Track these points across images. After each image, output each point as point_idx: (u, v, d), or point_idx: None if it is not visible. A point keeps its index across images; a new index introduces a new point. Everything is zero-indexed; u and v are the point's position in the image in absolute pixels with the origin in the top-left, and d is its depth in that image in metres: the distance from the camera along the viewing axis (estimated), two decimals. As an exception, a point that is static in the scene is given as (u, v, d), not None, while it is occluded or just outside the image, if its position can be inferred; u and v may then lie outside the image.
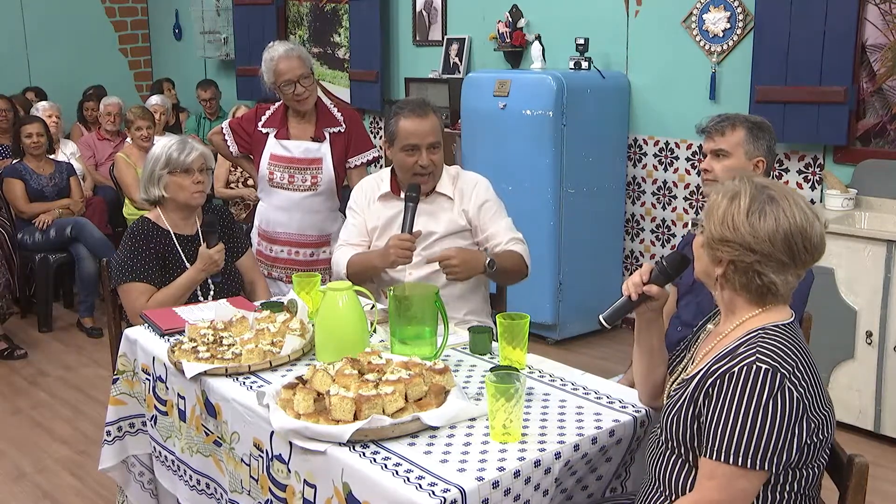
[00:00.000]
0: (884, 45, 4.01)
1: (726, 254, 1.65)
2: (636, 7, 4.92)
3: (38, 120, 5.59)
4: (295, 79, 3.36)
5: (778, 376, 1.54)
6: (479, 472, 1.68)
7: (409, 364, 2.02)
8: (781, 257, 1.63)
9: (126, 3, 8.80)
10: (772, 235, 1.61)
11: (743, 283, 1.67)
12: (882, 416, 3.62)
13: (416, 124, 2.80)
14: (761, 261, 1.63)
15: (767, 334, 1.63)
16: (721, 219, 1.65)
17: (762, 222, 1.62)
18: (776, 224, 1.62)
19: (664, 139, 4.92)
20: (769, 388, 1.53)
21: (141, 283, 2.85)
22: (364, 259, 2.86)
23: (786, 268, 1.64)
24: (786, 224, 1.62)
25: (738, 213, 1.63)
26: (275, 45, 3.47)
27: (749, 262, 1.63)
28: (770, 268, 1.63)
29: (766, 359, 1.56)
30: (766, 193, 1.65)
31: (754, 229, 1.62)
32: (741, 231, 1.62)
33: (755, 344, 1.61)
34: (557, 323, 4.87)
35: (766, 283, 1.65)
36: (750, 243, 1.62)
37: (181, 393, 2.32)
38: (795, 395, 1.54)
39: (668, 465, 1.71)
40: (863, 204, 4.01)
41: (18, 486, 3.42)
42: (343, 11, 6.79)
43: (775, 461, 1.54)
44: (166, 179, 2.93)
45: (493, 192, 2.94)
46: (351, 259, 2.88)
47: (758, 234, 1.62)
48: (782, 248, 1.62)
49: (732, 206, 1.65)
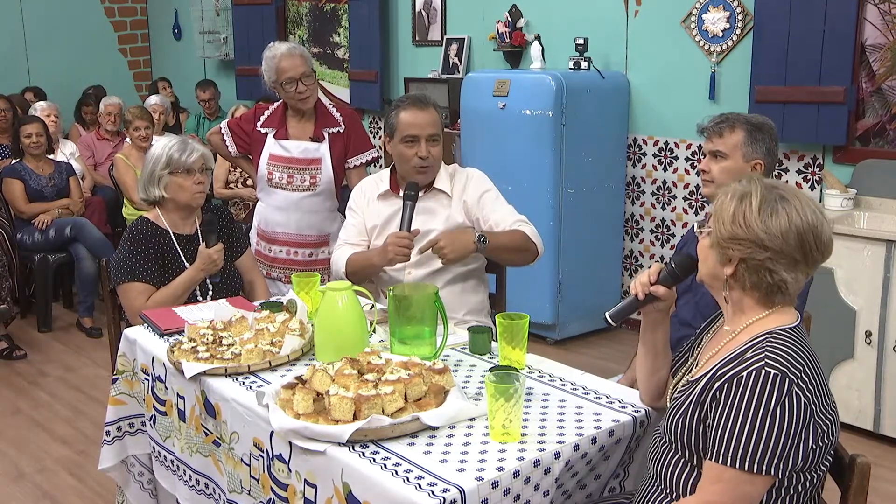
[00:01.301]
0: (883, 45, 4.01)
1: (738, 252, 1.65)
2: (636, 7, 4.92)
3: (38, 120, 5.59)
4: (297, 76, 3.36)
5: (787, 382, 1.54)
6: (478, 472, 1.68)
7: (408, 364, 2.02)
8: (794, 254, 1.63)
9: (125, 2, 8.80)
10: (785, 232, 1.62)
11: (754, 282, 1.66)
12: (881, 416, 3.62)
13: (416, 116, 2.81)
14: (773, 258, 1.63)
15: (776, 338, 1.62)
16: (732, 218, 1.65)
17: (775, 219, 1.62)
18: (789, 221, 1.62)
19: (664, 139, 4.92)
20: (777, 394, 1.53)
21: (140, 283, 2.85)
22: (363, 258, 2.86)
23: (797, 266, 1.64)
24: (798, 221, 1.62)
25: (750, 211, 1.63)
26: (276, 44, 3.48)
27: (761, 260, 1.63)
28: (782, 265, 1.63)
29: (774, 364, 1.56)
30: (777, 193, 1.65)
31: (767, 226, 1.62)
32: (754, 228, 1.62)
33: (764, 348, 1.60)
34: (557, 323, 4.87)
35: (776, 282, 1.64)
36: (763, 240, 1.62)
37: (180, 393, 2.32)
38: (803, 400, 1.54)
39: (670, 464, 1.71)
40: (862, 204, 4.01)
41: (18, 486, 3.42)
42: (342, 11, 6.79)
43: (781, 466, 1.54)
44: (167, 180, 2.93)
45: (490, 183, 2.93)
46: (350, 258, 2.88)
47: (770, 231, 1.62)
48: (795, 245, 1.62)
49: (743, 205, 1.65)
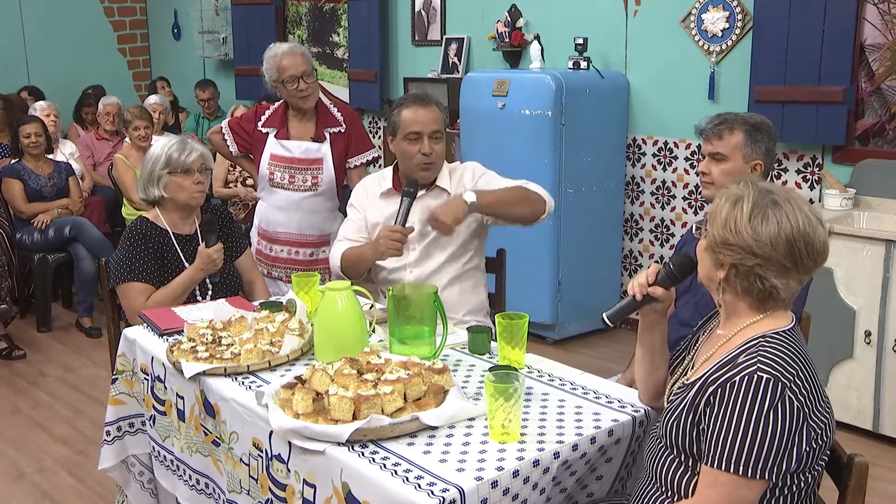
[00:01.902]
0: (882, 45, 4.01)
1: (728, 257, 1.65)
2: (635, 7, 4.92)
3: (37, 120, 5.59)
4: (298, 74, 3.36)
5: (779, 386, 1.54)
6: (477, 471, 1.68)
7: (407, 364, 2.02)
8: (783, 261, 1.63)
9: (125, 2, 8.79)
10: (773, 239, 1.61)
11: (745, 287, 1.67)
12: (881, 416, 3.62)
13: (419, 113, 2.81)
14: (762, 265, 1.63)
15: (768, 342, 1.63)
16: (724, 222, 1.65)
17: (764, 226, 1.62)
18: (778, 228, 1.61)
19: (663, 139, 4.92)
20: (770, 398, 1.53)
21: (139, 283, 2.85)
22: (357, 252, 2.86)
23: (787, 272, 1.64)
24: (788, 228, 1.62)
25: (741, 216, 1.63)
26: (277, 43, 3.50)
27: (750, 266, 1.63)
28: (772, 272, 1.63)
29: (767, 368, 1.56)
30: (770, 198, 1.65)
31: (756, 233, 1.62)
32: (743, 235, 1.62)
33: (756, 352, 1.60)
34: (556, 323, 4.87)
35: (767, 288, 1.65)
36: (752, 247, 1.62)
37: (180, 393, 2.32)
38: (796, 404, 1.54)
39: (667, 464, 1.71)
40: (861, 203, 4.01)
41: (18, 486, 3.42)
42: (342, 11, 6.79)
43: (775, 470, 1.54)
44: (166, 180, 2.93)
45: (484, 168, 2.95)
46: (344, 252, 2.88)
47: (759, 238, 1.61)
48: (784, 252, 1.62)
49: (735, 210, 1.65)
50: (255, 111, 3.57)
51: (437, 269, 2.83)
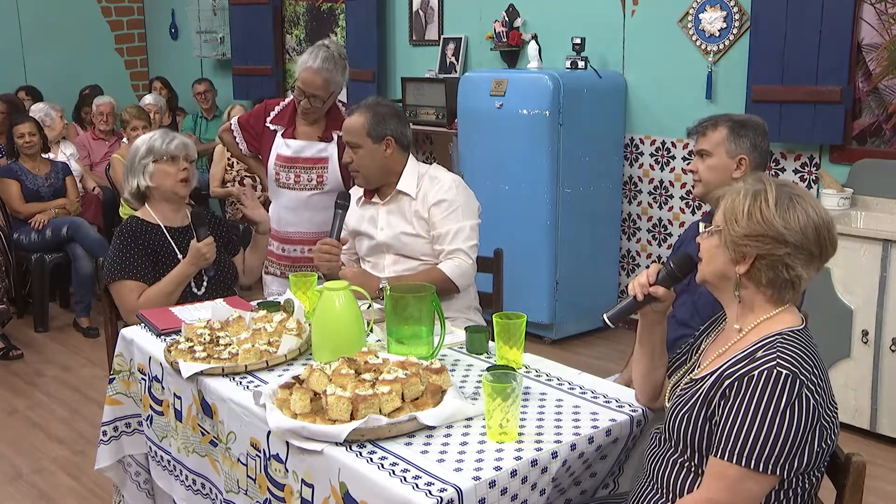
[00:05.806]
0: (879, 45, 4.02)
1: (754, 248, 1.64)
2: (632, 6, 4.92)
3: (31, 119, 5.58)
4: (307, 93, 3.32)
5: (798, 383, 1.54)
6: (475, 471, 1.68)
7: (405, 363, 2.02)
8: (812, 249, 1.63)
9: (122, 2, 8.78)
10: (804, 227, 1.62)
11: (770, 278, 1.66)
12: (878, 415, 3.63)
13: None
14: (792, 253, 1.63)
15: (786, 339, 1.63)
16: (747, 215, 1.64)
17: (793, 214, 1.62)
18: (807, 216, 1.63)
19: (661, 138, 4.92)
20: (788, 394, 1.53)
21: (132, 281, 2.84)
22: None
23: (812, 261, 1.65)
24: (815, 216, 1.63)
25: (767, 207, 1.63)
26: (320, 51, 3.34)
27: (780, 255, 1.63)
28: (800, 261, 1.63)
29: (787, 364, 1.56)
30: (787, 190, 1.66)
31: (786, 221, 1.62)
32: (774, 224, 1.62)
33: (775, 348, 1.60)
34: (554, 322, 4.88)
35: (792, 277, 1.65)
36: (783, 235, 1.62)
37: (177, 393, 2.32)
38: (812, 402, 1.54)
39: (669, 465, 1.71)
40: (859, 203, 4.02)
41: (15, 486, 3.42)
42: (339, 11, 6.78)
43: (787, 466, 1.54)
44: (152, 168, 2.94)
45: (455, 193, 2.83)
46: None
47: (790, 226, 1.62)
48: (813, 239, 1.63)
49: (759, 202, 1.64)
50: (265, 107, 3.53)
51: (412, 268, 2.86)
